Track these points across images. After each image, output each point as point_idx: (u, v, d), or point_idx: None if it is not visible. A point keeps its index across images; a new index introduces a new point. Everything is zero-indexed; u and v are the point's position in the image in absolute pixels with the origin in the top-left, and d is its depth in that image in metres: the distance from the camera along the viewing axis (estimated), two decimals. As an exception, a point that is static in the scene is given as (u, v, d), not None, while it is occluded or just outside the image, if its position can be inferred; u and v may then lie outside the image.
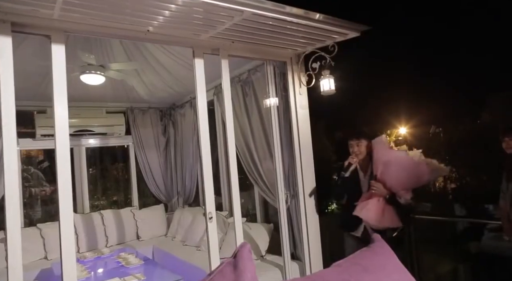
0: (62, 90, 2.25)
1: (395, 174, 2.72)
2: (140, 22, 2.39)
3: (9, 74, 2.07)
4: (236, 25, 2.51)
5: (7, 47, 2.07)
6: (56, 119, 2.24)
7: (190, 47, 2.79)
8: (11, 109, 2.09)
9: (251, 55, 3.13)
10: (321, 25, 2.62)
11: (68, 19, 2.24)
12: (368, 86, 3.23)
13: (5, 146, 2.05)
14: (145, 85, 4.78)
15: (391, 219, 2.72)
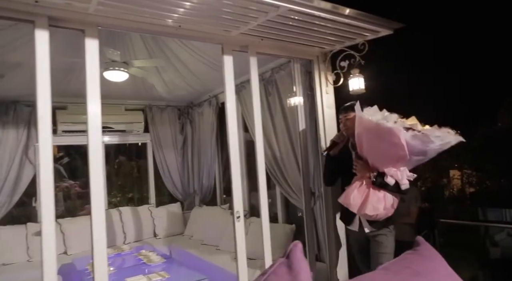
0: (95, 86, 2.24)
1: (369, 145, 2.26)
2: (172, 17, 2.36)
3: (45, 68, 2.06)
4: (269, 21, 2.47)
5: (44, 42, 2.06)
6: (89, 116, 2.23)
7: (220, 43, 2.76)
8: (47, 104, 2.08)
9: (278, 52, 3.09)
10: (352, 21, 2.57)
11: (102, 14, 2.22)
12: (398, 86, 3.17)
13: (40, 141, 2.04)
14: (165, 82, 4.77)
15: (378, 207, 2.24)
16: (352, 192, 2.32)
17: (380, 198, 2.26)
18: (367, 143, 2.26)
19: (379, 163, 2.26)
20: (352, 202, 2.30)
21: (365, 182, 2.29)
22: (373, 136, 2.19)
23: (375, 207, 2.25)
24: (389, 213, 2.32)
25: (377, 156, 2.25)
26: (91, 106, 2.22)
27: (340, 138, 2.57)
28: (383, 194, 2.27)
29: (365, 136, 2.25)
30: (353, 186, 2.34)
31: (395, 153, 2.13)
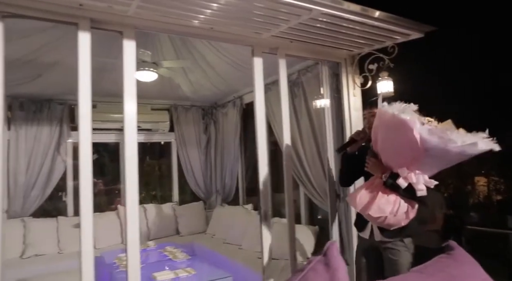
0: (132, 85, 2.32)
1: (383, 140, 2.03)
2: (206, 19, 2.42)
3: (87, 68, 2.16)
4: (300, 24, 2.50)
5: (86, 43, 2.15)
6: (125, 114, 2.30)
7: (250, 45, 2.81)
8: (88, 103, 2.16)
9: (307, 55, 3.11)
10: (382, 24, 2.56)
11: (139, 16, 2.31)
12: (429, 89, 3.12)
13: (80, 139, 2.13)
14: (191, 83, 4.87)
15: (384, 209, 1.99)
16: (360, 190, 2.14)
17: (389, 201, 2.01)
18: (381, 137, 2.04)
19: (392, 161, 2.02)
20: (358, 201, 2.10)
21: (376, 182, 2.08)
22: (387, 128, 1.97)
23: (381, 208, 2.00)
24: (401, 222, 2.03)
25: (390, 153, 2.03)
26: (127, 105, 2.30)
27: (360, 136, 2.33)
28: (394, 198, 2.01)
29: (380, 130, 2.03)
30: (363, 185, 2.18)
31: (408, 149, 1.87)
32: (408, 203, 2.03)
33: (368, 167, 2.15)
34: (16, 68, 3.61)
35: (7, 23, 2.01)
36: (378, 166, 2.09)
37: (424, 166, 1.93)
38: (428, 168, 1.96)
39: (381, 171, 2.06)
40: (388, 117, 1.90)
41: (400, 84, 2.99)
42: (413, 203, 2.04)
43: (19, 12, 2.00)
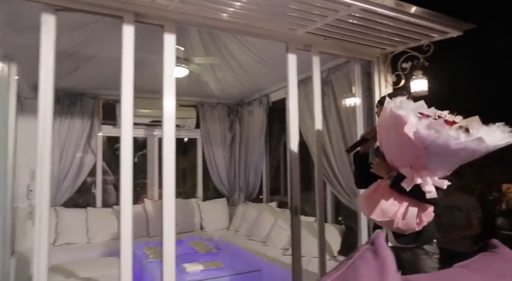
0: (171, 80, 2.40)
1: (385, 138, 1.90)
2: (244, 15, 2.46)
3: (130, 61, 2.23)
4: (337, 20, 2.51)
5: (130, 36, 2.23)
6: (164, 110, 2.38)
7: (284, 42, 2.83)
8: (130, 97, 2.25)
9: (339, 52, 3.12)
10: (420, 21, 2.53)
11: (180, 11, 2.37)
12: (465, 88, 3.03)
13: (122, 133, 2.22)
14: (218, 80, 4.93)
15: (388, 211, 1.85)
16: (366, 193, 2.00)
17: (393, 204, 1.85)
18: (384, 135, 1.90)
19: (396, 161, 1.87)
20: (363, 204, 1.98)
21: (382, 184, 1.93)
22: (387, 126, 1.83)
23: (384, 212, 1.85)
24: (413, 226, 1.86)
25: (393, 151, 1.89)
26: (166, 100, 2.37)
27: (371, 134, 2.15)
28: (400, 200, 1.85)
29: (382, 127, 1.90)
30: (370, 187, 2.01)
31: (408, 148, 1.72)
32: (419, 206, 1.85)
33: (373, 168, 2.00)
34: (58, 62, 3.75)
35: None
36: (384, 167, 1.94)
37: (431, 166, 1.75)
38: (437, 168, 1.77)
39: (387, 172, 1.92)
40: (387, 113, 1.76)
41: (434, 83, 2.95)
42: (425, 206, 1.87)
43: (70, 6, 2.09)
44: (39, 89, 2.09)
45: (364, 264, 1.26)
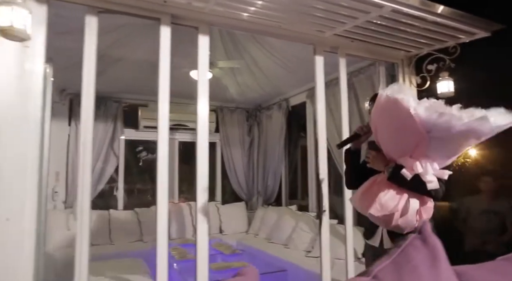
0: (205, 81, 2.46)
1: (381, 127, 1.78)
2: (277, 17, 2.52)
3: (167, 63, 2.30)
4: (367, 22, 2.55)
5: (167, 37, 2.31)
6: (198, 112, 2.43)
7: (312, 44, 2.89)
8: (166, 100, 2.31)
9: (365, 55, 3.15)
10: (447, 21, 2.55)
11: (214, 13, 2.44)
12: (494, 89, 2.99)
13: (159, 137, 2.28)
14: (238, 84, 5.00)
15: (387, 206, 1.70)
16: (362, 188, 1.86)
17: (393, 197, 1.71)
18: (379, 125, 1.79)
19: (393, 151, 1.75)
20: (359, 200, 1.84)
21: (379, 178, 1.80)
22: (382, 112, 1.72)
23: (383, 206, 1.70)
24: (411, 223, 1.72)
25: (390, 141, 1.76)
26: (201, 103, 2.43)
27: (364, 130, 2.01)
28: (400, 193, 1.72)
29: (377, 116, 1.78)
30: (366, 182, 1.87)
31: (408, 134, 1.62)
32: (419, 199, 1.73)
33: (369, 161, 1.88)
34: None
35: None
36: (380, 159, 1.81)
37: (430, 153, 1.64)
38: (436, 155, 1.66)
39: (384, 164, 1.79)
40: (382, 100, 1.66)
41: (461, 84, 2.96)
42: (425, 200, 1.74)
43: (112, 8, 2.18)
44: (82, 90, 2.16)
45: (415, 251, 1.28)
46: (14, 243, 1.84)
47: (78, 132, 2.14)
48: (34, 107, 1.94)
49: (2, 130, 1.85)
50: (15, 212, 1.84)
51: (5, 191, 1.83)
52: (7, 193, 1.83)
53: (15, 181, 1.86)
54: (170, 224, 4.84)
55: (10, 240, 1.82)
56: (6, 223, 1.82)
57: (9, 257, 1.82)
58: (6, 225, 1.82)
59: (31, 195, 1.90)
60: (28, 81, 1.93)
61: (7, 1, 1.54)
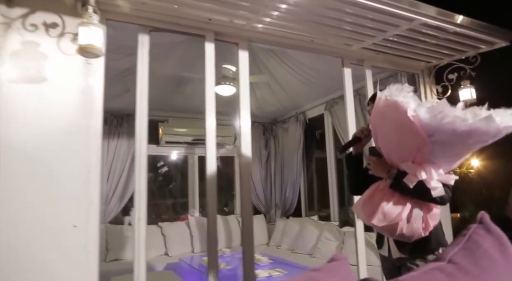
0: (246, 96, 2.59)
1: (381, 131, 1.70)
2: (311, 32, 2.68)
3: (212, 78, 2.44)
4: (395, 35, 2.71)
5: (211, 53, 2.45)
6: (241, 126, 2.57)
7: (340, 57, 3.04)
8: (213, 114, 2.45)
9: (388, 66, 3.31)
10: (468, 32, 2.69)
11: (253, 30, 2.60)
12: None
13: (207, 152, 2.41)
14: (257, 99, 5.14)
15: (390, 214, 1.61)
16: (364, 196, 1.77)
17: (397, 205, 1.63)
18: (379, 129, 1.70)
19: (395, 156, 1.66)
20: (361, 209, 1.75)
21: (381, 185, 1.71)
22: (382, 116, 1.64)
23: (386, 215, 1.62)
24: (419, 232, 1.63)
25: (391, 145, 1.67)
26: (243, 116, 2.63)
27: (364, 133, 1.92)
28: (403, 201, 1.63)
29: (377, 120, 1.70)
30: (368, 189, 1.78)
31: (409, 138, 1.53)
32: (424, 207, 1.65)
33: (370, 168, 1.79)
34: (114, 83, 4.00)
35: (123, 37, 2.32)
36: (382, 165, 1.73)
37: (434, 158, 1.56)
38: (441, 160, 1.57)
39: (385, 171, 1.70)
40: (381, 103, 1.58)
41: (483, 92, 3.10)
42: (430, 207, 1.66)
43: (162, 26, 2.33)
44: (136, 106, 2.28)
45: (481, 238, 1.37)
46: (81, 249, 1.92)
47: (135, 149, 2.24)
48: (96, 120, 2.06)
49: (68, 142, 1.96)
50: (81, 220, 1.93)
51: (73, 199, 1.92)
52: (74, 201, 1.93)
53: (81, 190, 1.95)
54: (194, 236, 4.89)
55: (77, 245, 1.91)
56: (73, 230, 1.91)
57: (77, 262, 1.90)
58: (73, 231, 1.91)
59: (94, 204, 2.00)
60: (91, 96, 2.05)
61: (86, 22, 1.68)
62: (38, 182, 1.86)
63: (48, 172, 1.89)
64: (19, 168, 1.83)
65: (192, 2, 2.20)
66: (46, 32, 1.96)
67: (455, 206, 6.66)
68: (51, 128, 1.93)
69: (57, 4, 1.99)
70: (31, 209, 1.82)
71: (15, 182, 1.82)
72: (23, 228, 1.80)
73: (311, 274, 1.10)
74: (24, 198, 1.82)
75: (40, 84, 1.93)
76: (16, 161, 1.83)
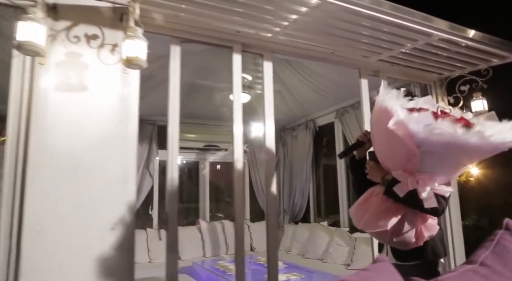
0: (271, 104, 2.70)
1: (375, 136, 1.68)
2: (333, 44, 2.80)
3: (239, 88, 2.55)
4: (413, 48, 2.83)
5: (239, 64, 2.56)
6: (266, 133, 2.66)
7: (357, 68, 3.15)
8: (240, 122, 2.54)
9: (402, 77, 3.42)
10: (478, 45, 2.79)
11: (278, 42, 2.71)
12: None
13: (235, 158, 2.51)
14: (268, 106, 5.25)
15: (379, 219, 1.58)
16: (358, 202, 1.76)
17: (388, 212, 1.59)
18: (374, 133, 1.69)
19: (387, 162, 1.64)
20: (355, 214, 1.73)
21: (376, 191, 1.69)
22: (376, 121, 1.62)
23: (376, 221, 1.59)
24: (408, 240, 1.59)
25: (383, 152, 1.65)
26: (268, 124, 2.77)
27: (367, 137, 1.86)
28: (395, 208, 1.59)
29: (372, 124, 1.69)
30: (363, 195, 1.76)
31: (398, 146, 1.48)
32: (419, 217, 1.60)
33: (367, 172, 1.76)
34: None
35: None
36: (378, 170, 1.69)
37: (426, 168, 1.51)
38: (435, 171, 1.53)
39: (381, 176, 1.66)
40: (375, 108, 1.56)
41: (494, 103, 3.21)
42: (426, 217, 1.62)
43: (193, 38, 2.44)
44: (168, 113, 2.38)
45: (509, 243, 1.46)
46: (118, 250, 2.00)
47: (168, 154, 2.33)
48: (132, 127, 2.16)
49: (107, 147, 2.05)
50: (118, 222, 2.02)
51: (112, 202, 2.01)
52: (113, 204, 2.01)
53: (118, 193, 2.04)
54: (205, 241, 4.96)
55: (115, 247, 1.99)
56: (111, 232, 1.99)
57: (116, 263, 1.98)
58: (112, 234, 1.99)
59: (130, 207, 2.08)
60: (128, 104, 2.15)
61: (132, 35, 1.78)
62: (80, 185, 1.95)
63: (89, 176, 1.97)
64: (63, 172, 1.92)
65: (222, 15, 2.31)
66: (87, 43, 2.06)
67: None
68: (92, 134, 2.02)
69: (97, 17, 2.10)
70: (74, 211, 1.91)
71: (59, 185, 1.90)
72: (65, 228, 1.88)
73: (362, 273, 1.20)
74: (67, 200, 1.91)
75: (81, 92, 2.02)
76: (59, 165, 1.91)
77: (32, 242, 1.81)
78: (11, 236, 1.79)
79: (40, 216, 1.83)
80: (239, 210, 2.49)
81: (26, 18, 1.61)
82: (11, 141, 1.87)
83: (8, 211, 1.81)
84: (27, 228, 1.80)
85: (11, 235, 1.79)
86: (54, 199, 1.88)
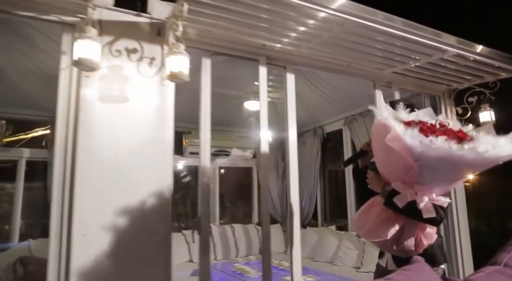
0: (293, 114, 2.84)
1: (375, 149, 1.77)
2: (351, 57, 2.94)
3: (265, 97, 2.67)
4: (427, 63, 2.98)
5: (264, 75, 2.70)
6: (289, 139, 2.79)
7: (371, 80, 3.30)
8: (265, 127, 2.66)
9: (413, 88, 3.58)
10: (486, 60, 2.94)
11: (300, 55, 2.85)
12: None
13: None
14: (277, 113, 5.39)
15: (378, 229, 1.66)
16: (362, 208, 1.82)
17: (388, 222, 1.65)
18: (374, 145, 1.77)
19: (387, 174, 1.71)
20: (357, 223, 1.81)
21: (377, 201, 1.75)
22: (376, 134, 1.69)
23: (377, 230, 1.66)
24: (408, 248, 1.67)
25: (383, 163, 1.72)
26: (291, 131, 2.79)
27: (371, 146, 1.90)
28: (394, 218, 1.65)
29: (373, 136, 1.76)
30: (364, 204, 1.83)
31: (395, 160, 1.55)
32: (418, 226, 1.67)
33: (368, 182, 1.83)
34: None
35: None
36: (379, 181, 1.76)
37: (424, 181, 1.57)
38: (433, 184, 1.60)
39: (381, 187, 1.75)
40: (376, 121, 1.64)
41: (503, 114, 3.36)
42: (424, 227, 1.68)
43: (222, 51, 2.57)
44: (200, 121, 2.50)
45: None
46: (156, 254, 2.12)
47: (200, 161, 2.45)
48: (168, 135, 2.28)
49: (147, 155, 2.17)
50: (157, 227, 2.14)
51: (152, 205, 2.13)
52: (153, 208, 2.13)
53: (157, 197, 2.16)
54: (216, 244, 5.07)
55: (154, 250, 2.11)
56: (150, 236, 2.11)
57: (153, 265, 2.10)
58: (150, 238, 2.11)
59: (166, 211, 2.20)
60: (164, 114, 2.27)
61: (176, 52, 1.91)
62: (122, 189, 2.07)
63: (131, 182, 2.10)
64: (107, 178, 2.04)
65: (250, 31, 2.45)
66: (128, 57, 2.19)
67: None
68: (133, 143, 2.14)
69: (137, 31, 2.23)
70: (117, 215, 2.03)
71: (103, 191, 2.02)
72: (110, 232, 2.00)
73: (404, 273, 1.34)
74: (111, 205, 2.03)
75: (123, 103, 2.15)
76: (104, 169, 2.04)
77: (79, 245, 1.92)
78: (61, 239, 1.91)
79: (86, 220, 1.95)
80: (265, 216, 2.61)
81: (84, 37, 1.73)
82: (59, 147, 1.99)
83: (58, 214, 1.92)
84: (76, 231, 1.91)
85: (61, 238, 1.91)
86: (100, 202, 2.00)
